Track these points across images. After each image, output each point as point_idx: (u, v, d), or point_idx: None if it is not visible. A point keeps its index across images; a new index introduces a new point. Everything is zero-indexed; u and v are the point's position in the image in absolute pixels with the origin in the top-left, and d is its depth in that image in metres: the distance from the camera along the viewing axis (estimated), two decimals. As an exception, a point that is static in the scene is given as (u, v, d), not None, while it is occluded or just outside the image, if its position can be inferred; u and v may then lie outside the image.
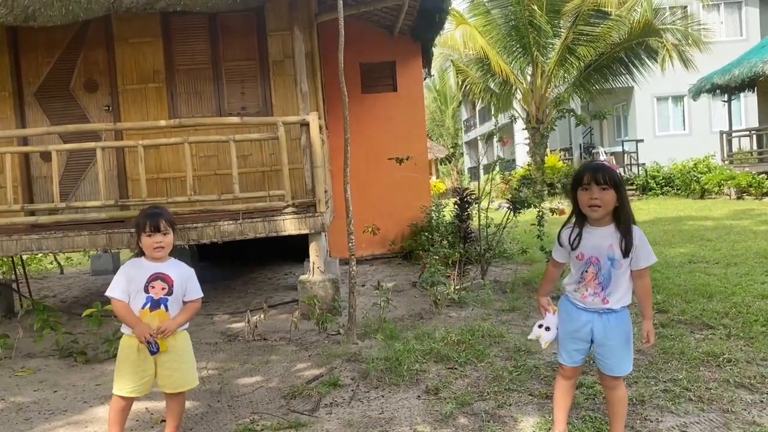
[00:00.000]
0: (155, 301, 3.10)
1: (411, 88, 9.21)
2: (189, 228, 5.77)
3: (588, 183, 2.74)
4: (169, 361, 3.14)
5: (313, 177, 5.92)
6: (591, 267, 2.82)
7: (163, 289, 3.11)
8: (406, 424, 3.40)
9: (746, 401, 3.43)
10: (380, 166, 8.72)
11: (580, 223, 2.87)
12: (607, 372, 2.91)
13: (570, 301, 2.95)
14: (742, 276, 6.30)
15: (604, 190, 2.72)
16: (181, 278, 3.19)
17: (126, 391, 3.10)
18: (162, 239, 3.12)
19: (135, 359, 3.10)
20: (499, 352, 4.56)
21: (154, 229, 3.10)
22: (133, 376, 3.09)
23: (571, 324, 2.93)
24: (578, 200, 2.81)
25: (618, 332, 2.86)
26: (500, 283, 6.92)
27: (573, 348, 2.94)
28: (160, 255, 3.14)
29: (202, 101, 6.95)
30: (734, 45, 23.54)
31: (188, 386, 3.25)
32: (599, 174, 2.73)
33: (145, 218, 3.14)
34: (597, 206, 2.73)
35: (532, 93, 18.82)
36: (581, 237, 2.84)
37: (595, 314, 2.86)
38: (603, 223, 2.81)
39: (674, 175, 21.36)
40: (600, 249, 2.79)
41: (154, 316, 3.08)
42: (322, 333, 5.40)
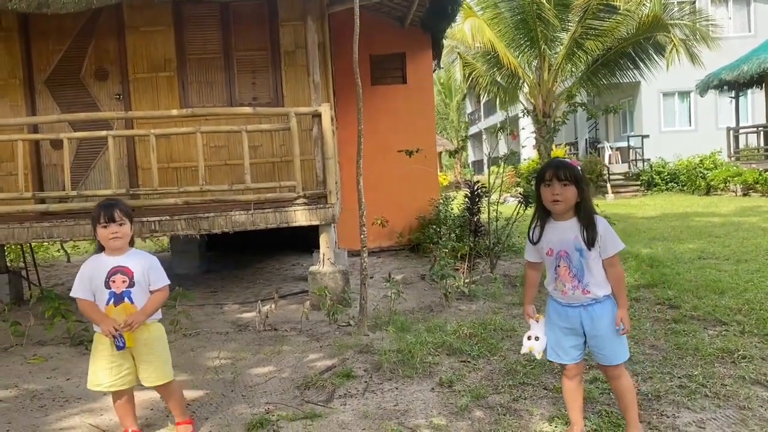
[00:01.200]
0: (117, 295, 3.03)
1: (421, 80, 9.18)
2: (200, 218, 5.77)
3: (550, 179, 2.84)
4: (144, 354, 3.10)
5: (324, 168, 5.91)
6: (562, 261, 2.89)
7: (124, 282, 3.04)
8: (422, 417, 3.40)
9: (762, 398, 3.42)
10: (389, 158, 8.70)
11: (543, 219, 2.96)
12: (606, 362, 2.94)
13: (555, 300, 3.01)
14: (753, 273, 6.28)
15: (565, 186, 2.81)
16: (142, 268, 3.10)
17: (103, 386, 3.07)
18: (117, 229, 3.02)
19: (108, 355, 3.05)
20: (511, 345, 4.56)
21: (109, 219, 3.02)
22: (109, 371, 3.05)
23: (563, 321, 2.97)
24: (541, 196, 2.90)
25: (606, 321, 2.90)
26: (509, 277, 6.91)
27: (569, 345, 2.97)
28: (116, 245, 3.05)
29: (213, 91, 6.93)
30: (742, 41, 23.41)
31: (163, 380, 3.17)
32: (560, 171, 2.83)
33: (99, 209, 3.07)
34: (558, 201, 2.82)
35: (539, 87, 18.72)
36: (543, 232, 2.95)
37: (581, 308, 2.91)
38: (566, 218, 2.89)
39: (680, 171, 21.34)
40: (566, 242, 2.87)
41: (120, 311, 3.02)
42: (332, 324, 5.40)
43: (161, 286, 3.17)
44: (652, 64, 17.37)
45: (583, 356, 3.04)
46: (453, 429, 3.23)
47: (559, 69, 18.26)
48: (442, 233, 7.89)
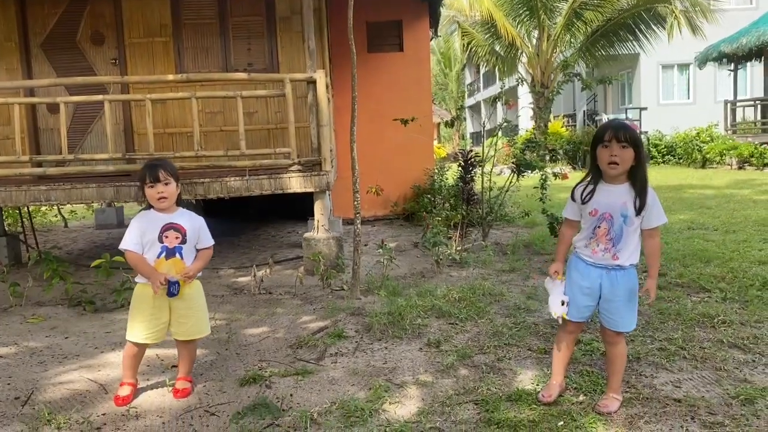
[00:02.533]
0: (170, 249, 3.18)
1: (417, 48, 9.17)
2: (196, 183, 5.83)
3: (609, 140, 2.81)
4: (184, 308, 3.24)
5: (319, 135, 5.96)
6: (604, 223, 2.90)
7: (177, 238, 3.19)
8: (408, 374, 3.53)
9: (738, 360, 3.55)
10: (384, 126, 8.73)
11: (595, 179, 2.94)
12: (612, 327, 3.00)
13: (580, 258, 3.03)
14: (740, 243, 6.40)
15: (624, 148, 2.78)
16: (193, 227, 3.27)
17: (141, 337, 3.20)
18: (164, 189, 3.16)
19: (150, 307, 3.19)
20: (499, 309, 4.68)
21: (155, 179, 3.15)
22: (148, 323, 3.19)
23: (583, 280, 3.01)
24: (597, 156, 2.88)
25: (625, 289, 2.94)
26: (501, 246, 7.02)
27: (583, 304, 3.03)
28: (164, 205, 3.20)
29: (208, 57, 6.95)
30: (743, 13, 23.25)
31: (201, 334, 3.36)
32: (620, 132, 2.80)
33: (145, 170, 3.20)
34: (615, 163, 2.80)
35: (537, 57, 18.70)
36: (594, 193, 2.93)
37: (604, 270, 2.95)
38: (619, 181, 2.88)
39: (676, 144, 21.35)
40: (614, 206, 2.87)
41: (170, 265, 3.18)
42: (326, 288, 5.51)
43: (208, 245, 3.35)
44: (652, 35, 17.34)
45: (588, 318, 3.13)
46: (438, 385, 3.35)
47: (558, 39, 18.23)
48: (437, 203, 7.97)
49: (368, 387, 3.35)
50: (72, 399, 3.29)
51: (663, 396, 3.13)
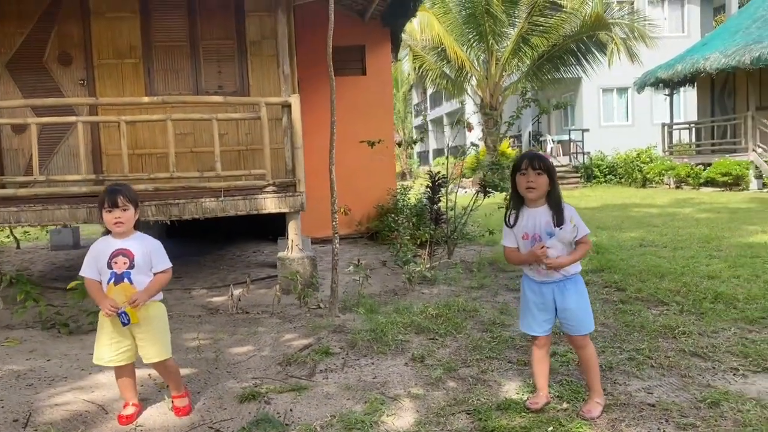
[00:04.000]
0: (118, 275, 3.19)
1: (380, 72, 9.43)
2: (170, 204, 5.87)
3: (525, 168, 3.16)
4: (143, 332, 3.27)
5: (294, 157, 6.11)
6: (536, 243, 3.20)
7: (125, 263, 3.19)
8: (400, 387, 3.69)
9: (701, 367, 3.85)
10: (348, 148, 8.88)
11: (518, 205, 3.28)
12: (574, 333, 3.29)
13: (530, 279, 3.34)
14: (688, 259, 6.84)
15: (539, 175, 3.14)
16: (144, 251, 3.25)
17: (104, 360, 3.26)
18: (121, 215, 3.18)
19: (110, 331, 3.24)
20: (474, 324, 4.90)
21: (113, 204, 3.17)
22: (110, 347, 3.24)
23: (536, 297, 3.31)
24: (517, 183, 3.22)
25: (576, 296, 3.27)
26: (466, 263, 7.27)
27: (542, 319, 3.32)
28: (120, 230, 3.21)
29: (179, 79, 7.01)
30: (676, 41, 24.59)
31: (160, 357, 3.31)
32: (535, 161, 3.16)
33: (104, 195, 3.22)
34: (532, 188, 3.15)
35: (486, 80, 19.26)
36: (518, 217, 3.26)
37: (554, 285, 3.26)
38: (538, 204, 3.22)
39: (618, 164, 22.29)
40: (539, 226, 3.20)
41: (119, 290, 3.18)
42: (303, 307, 5.63)
43: (164, 269, 3.33)
44: (595, 60, 18.13)
45: (551, 329, 3.38)
46: (430, 397, 3.53)
47: (506, 63, 18.82)
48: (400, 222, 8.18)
49: (363, 400, 3.50)
50: (73, 420, 3.32)
51: (638, 401, 3.39)
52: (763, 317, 4.69)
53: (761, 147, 16.12)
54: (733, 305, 5.01)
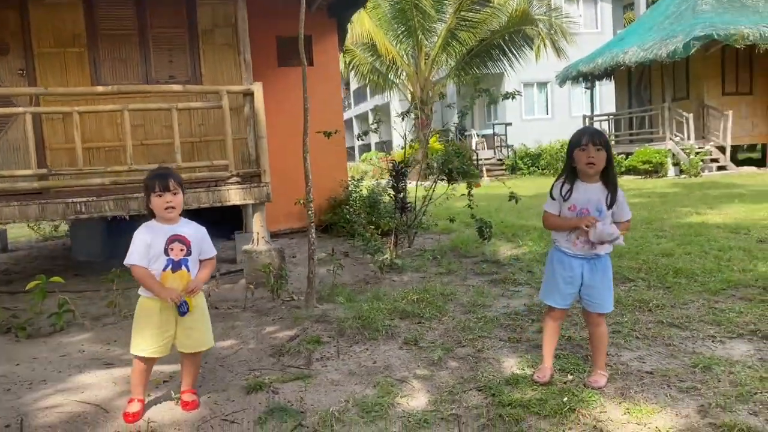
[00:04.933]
0: (176, 262, 3.12)
1: (327, 63, 9.34)
2: (129, 198, 5.61)
3: (586, 144, 3.19)
4: (190, 321, 3.19)
5: (257, 147, 5.97)
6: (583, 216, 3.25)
7: (182, 250, 3.13)
8: (404, 370, 3.68)
9: (681, 336, 4.04)
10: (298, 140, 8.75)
11: (572, 179, 3.31)
12: (595, 310, 3.37)
13: (561, 251, 3.38)
14: (638, 239, 7.15)
15: (599, 151, 3.17)
16: (197, 238, 3.23)
17: (149, 351, 3.12)
18: (172, 199, 3.12)
19: (157, 320, 3.12)
20: (455, 307, 4.95)
21: (164, 188, 3.10)
22: (155, 337, 3.11)
23: (565, 271, 3.36)
24: (575, 158, 3.25)
25: (603, 275, 3.34)
26: (427, 251, 7.33)
27: (567, 292, 3.37)
28: (171, 215, 3.15)
29: (127, 69, 6.70)
30: (591, 37, 25.72)
31: (207, 345, 3.31)
32: (596, 137, 3.20)
33: (153, 178, 3.14)
34: (593, 164, 3.18)
35: (416, 75, 19.47)
36: (572, 191, 3.28)
37: (585, 260, 3.31)
38: (593, 180, 3.26)
39: (541, 156, 23.07)
40: (590, 202, 3.24)
41: (176, 278, 3.11)
42: (276, 300, 5.51)
43: (211, 256, 3.29)
44: (521, 55, 18.67)
45: (571, 304, 3.46)
46: (437, 378, 3.54)
47: (435, 58, 19.09)
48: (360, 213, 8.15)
49: (372, 384, 3.47)
50: (73, 422, 3.13)
51: (635, 370, 3.53)
52: (723, 289, 4.98)
53: (678, 136, 17.09)
54: (694, 279, 5.29)
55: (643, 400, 3.12)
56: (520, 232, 7.96)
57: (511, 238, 7.63)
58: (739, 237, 6.96)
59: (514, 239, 7.60)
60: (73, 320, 5.08)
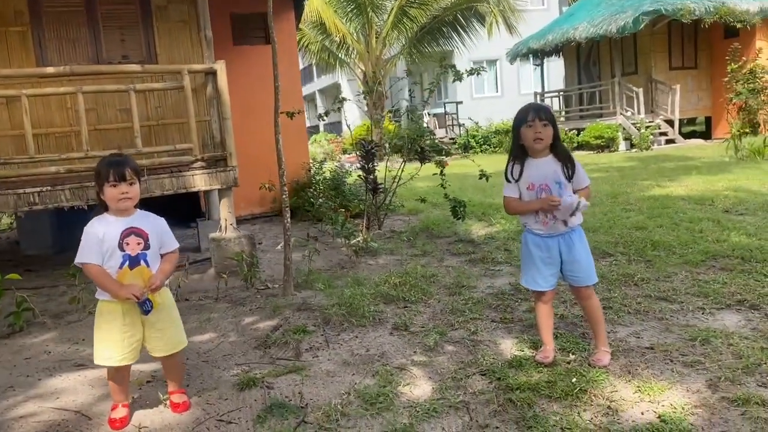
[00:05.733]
0: (133, 258, 2.83)
1: (284, 41, 8.97)
2: (87, 186, 5.26)
3: (532, 120, 3.13)
4: (158, 321, 2.92)
5: (222, 129, 5.68)
6: (543, 193, 3.19)
7: (139, 244, 2.84)
8: (401, 356, 3.54)
9: (671, 310, 4.02)
10: (256, 122, 8.47)
11: (521, 158, 3.24)
12: (581, 284, 3.30)
13: (534, 233, 3.29)
14: (607, 213, 7.18)
15: (545, 126, 3.12)
16: (156, 230, 2.94)
17: (115, 360, 2.84)
18: (128, 189, 2.81)
19: (121, 325, 2.84)
20: (439, 289, 4.82)
21: (119, 178, 2.79)
22: (121, 343, 2.83)
23: (542, 252, 3.27)
24: (522, 136, 3.18)
25: (580, 247, 3.28)
26: (398, 233, 7.18)
27: (548, 273, 3.29)
28: (126, 206, 2.84)
29: (76, 49, 6.26)
30: (539, 14, 25.89)
31: (180, 346, 3.03)
32: (541, 112, 3.15)
33: (108, 166, 2.82)
34: (540, 139, 3.12)
35: (368, 54, 19.19)
36: (523, 170, 3.22)
37: (559, 237, 3.25)
38: (543, 155, 3.20)
39: (493, 135, 23.16)
40: (546, 176, 3.18)
41: (136, 275, 2.83)
42: (251, 289, 5.28)
43: (173, 249, 3.02)
44: (474, 32, 18.59)
45: (557, 283, 3.37)
46: (436, 363, 3.41)
47: (386, 36, 18.84)
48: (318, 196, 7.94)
49: (370, 374, 3.31)
50: (53, 431, 2.86)
51: (635, 346, 3.47)
52: (703, 260, 5.00)
53: (628, 110, 17.37)
54: (672, 251, 5.31)
55: (650, 376, 3.06)
56: (489, 210, 7.90)
57: (482, 217, 7.55)
58: (704, 208, 7.05)
59: (485, 218, 7.53)
60: (33, 319, 4.74)
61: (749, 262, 4.83)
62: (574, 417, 2.72)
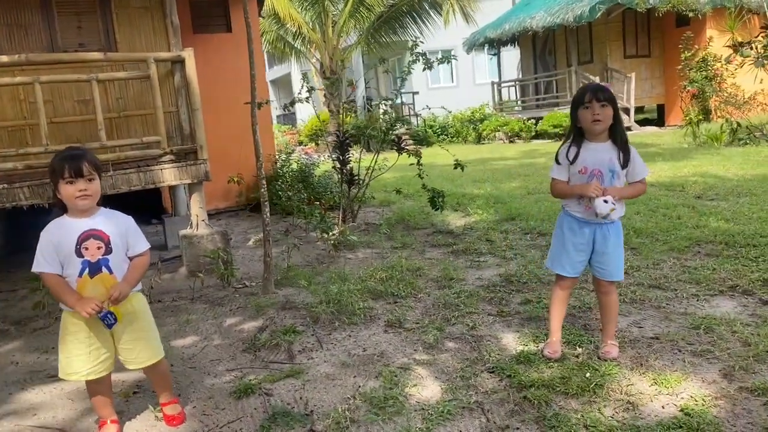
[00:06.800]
0: (93, 264, 2.54)
1: (247, 29, 8.66)
2: (47, 184, 4.90)
3: (589, 101, 2.98)
4: (130, 331, 2.66)
5: (192, 121, 5.39)
6: (594, 180, 3.04)
7: (99, 248, 2.55)
8: (401, 355, 3.38)
9: (666, 297, 3.97)
10: (218, 113, 8.16)
11: (578, 140, 3.09)
12: (607, 278, 3.19)
13: (572, 216, 3.16)
14: (582, 201, 7.15)
15: (603, 107, 2.97)
16: (119, 231, 2.63)
17: (82, 374, 2.58)
18: (87, 186, 2.51)
19: (85, 337, 2.58)
20: (427, 283, 4.68)
21: (76, 173, 2.49)
22: (87, 356, 2.57)
23: (576, 237, 3.15)
24: (580, 118, 3.04)
25: (615, 241, 3.16)
26: (373, 225, 7.01)
27: (578, 260, 3.17)
28: (85, 205, 2.54)
29: (28, 36, 5.84)
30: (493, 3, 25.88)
31: (155, 358, 2.76)
32: (599, 93, 2.98)
33: (62, 161, 2.52)
34: (599, 120, 2.97)
35: (324, 44, 18.85)
36: (579, 153, 3.07)
37: (596, 225, 3.11)
38: (601, 139, 3.06)
39: (450, 125, 23.15)
40: (602, 162, 3.04)
41: (96, 283, 2.54)
42: (228, 288, 5.03)
43: (142, 251, 2.69)
44: (431, 22, 18.44)
45: (581, 272, 3.26)
46: (441, 362, 3.26)
47: (343, 26, 18.52)
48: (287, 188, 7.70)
49: (373, 375, 3.15)
50: (35, 453, 2.61)
51: (641, 336, 3.40)
52: (687, 246, 4.99)
53: (585, 99, 17.51)
54: (656, 238, 5.29)
55: (662, 368, 2.99)
56: (462, 200, 7.79)
57: (457, 207, 7.44)
58: (676, 194, 7.11)
59: (460, 208, 7.41)
60: (-7, 327, 4.41)
61: (733, 247, 4.84)
62: (594, 414, 2.62)
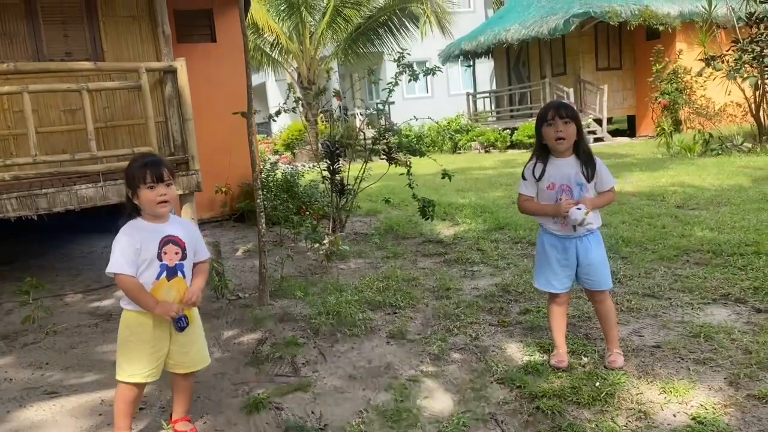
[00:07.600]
0: (171, 269, 2.62)
1: (232, 39, 8.60)
2: (36, 194, 4.81)
3: (552, 118, 3.05)
4: (189, 335, 2.70)
5: (184, 131, 5.34)
6: (564, 195, 3.11)
7: (177, 253, 2.63)
8: (408, 367, 3.38)
9: (662, 306, 4.04)
10: (205, 123, 8.07)
11: (544, 157, 3.17)
12: (596, 288, 3.24)
13: (551, 234, 3.21)
14: (567, 211, 7.24)
15: (566, 124, 3.05)
16: (191, 238, 2.74)
17: (143, 376, 2.61)
18: (166, 191, 2.61)
19: (151, 339, 2.61)
20: (424, 293, 4.69)
21: (157, 179, 2.57)
22: (150, 357, 2.60)
23: (559, 253, 3.20)
24: (544, 135, 3.11)
25: (597, 251, 3.22)
26: (361, 235, 7.01)
27: (564, 275, 3.22)
28: (165, 211, 2.63)
29: (13, 44, 5.73)
30: (467, 16, 26.24)
31: (204, 363, 2.82)
32: (561, 110, 3.06)
33: (143, 167, 2.59)
34: (562, 138, 3.04)
35: (302, 54, 18.85)
36: (545, 170, 3.14)
37: (577, 239, 3.18)
38: (566, 155, 3.13)
39: (425, 134, 23.30)
40: (568, 177, 3.11)
41: (172, 286, 2.62)
42: (221, 299, 4.98)
43: (205, 258, 2.80)
44: (408, 34, 18.56)
45: (572, 286, 3.29)
46: (449, 373, 3.27)
47: (321, 37, 18.55)
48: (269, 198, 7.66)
49: (383, 388, 3.14)
50: (46, 474, 2.54)
51: (643, 345, 3.45)
52: (676, 255, 5.08)
53: (560, 110, 17.78)
54: (644, 247, 5.38)
55: (668, 376, 3.04)
56: (449, 209, 7.83)
57: (444, 217, 7.47)
58: (658, 204, 7.24)
59: (448, 217, 7.45)
60: (-20, 342, 4.29)
61: (721, 256, 4.94)
62: (608, 423, 2.65)
